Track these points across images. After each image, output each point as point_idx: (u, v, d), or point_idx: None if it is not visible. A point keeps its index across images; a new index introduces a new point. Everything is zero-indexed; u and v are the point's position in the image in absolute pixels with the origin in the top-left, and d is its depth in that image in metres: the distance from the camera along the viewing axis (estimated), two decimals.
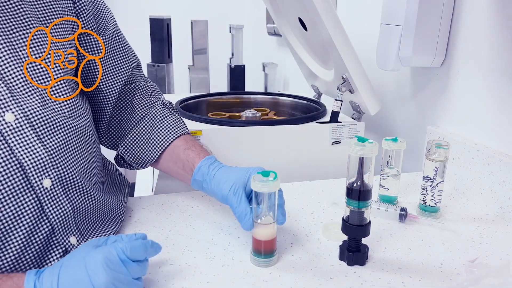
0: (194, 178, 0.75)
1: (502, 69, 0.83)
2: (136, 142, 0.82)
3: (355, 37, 1.07)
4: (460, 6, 0.92)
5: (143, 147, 0.81)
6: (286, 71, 2.11)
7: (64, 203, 0.62)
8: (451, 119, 0.98)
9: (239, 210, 0.66)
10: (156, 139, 0.81)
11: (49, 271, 0.52)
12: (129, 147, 0.82)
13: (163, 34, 1.91)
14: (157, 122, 0.82)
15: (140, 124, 0.82)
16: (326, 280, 0.62)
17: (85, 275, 0.51)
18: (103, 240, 0.57)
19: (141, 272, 0.56)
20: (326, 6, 0.92)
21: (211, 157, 0.76)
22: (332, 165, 1.08)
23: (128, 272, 0.53)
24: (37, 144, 0.60)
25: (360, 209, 0.63)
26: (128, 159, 0.83)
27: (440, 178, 0.78)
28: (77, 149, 0.66)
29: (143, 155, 0.81)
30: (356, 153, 0.61)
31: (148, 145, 0.81)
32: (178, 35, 2.22)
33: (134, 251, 0.54)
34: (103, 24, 0.77)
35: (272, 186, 0.61)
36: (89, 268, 0.51)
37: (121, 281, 0.52)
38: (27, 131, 0.59)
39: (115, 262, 0.52)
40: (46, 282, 0.51)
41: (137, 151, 0.82)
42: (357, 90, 1.02)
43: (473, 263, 0.65)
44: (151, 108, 0.84)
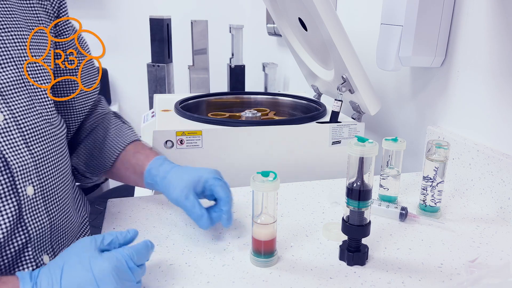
0: (146, 181, 0.75)
1: (503, 69, 0.83)
2: (90, 151, 0.81)
3: (355, 37, 1.07)
4: (460, 6, 0.92)
5: (97, 155, 0.80)
6: (286, 71, 2.11)
7: (43, 215, 0.60)
8: (451, 119, 0.98)
9: (195, 213, 0.67)
10: (110, 146, 0.80)
11: (46, 275, 0.49)
12: (83, 156, 0.81)
13: (163, 34, 1.91)
14: (110, 131, 0.82)
15: (93, 133, 0.82)
16: (326, 280, 0.62)
17: (92, 283, 0.49)
18: (99, 240, 0.54)
19: (142, 274, 0.55)
20: (326, 6, 0.92)
21: (159, 158, 0.75)
22: (332, 165, 1.08)
23: (134, 278, 0.53)
24: (24, 148, 0.58)
25: (360, 209, 0.63)
26: (81, 169, 0.81)
27: (440, 178, 0.78)
28: (59, 159, 0.65)
29: (97, 163, 0.80)
30: (356, 153, 0.61)
31: (102, 152, 0.80)
32: (178, 35, 2.23)
33: (140, 256, 0.54)
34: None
35: (271, 186, 0.61)
36: (98, 276, 0.49)
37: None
38: (15, 134, 0.57)
39: (124, 271, 0.51)
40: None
41: (90, 160, 0.81)
42: (357, 90, 1.02)
43: (473, 263, 0.65)
44: (103, 118, 0.84)
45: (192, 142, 0.98)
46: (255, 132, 1.02)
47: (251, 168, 1.02)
